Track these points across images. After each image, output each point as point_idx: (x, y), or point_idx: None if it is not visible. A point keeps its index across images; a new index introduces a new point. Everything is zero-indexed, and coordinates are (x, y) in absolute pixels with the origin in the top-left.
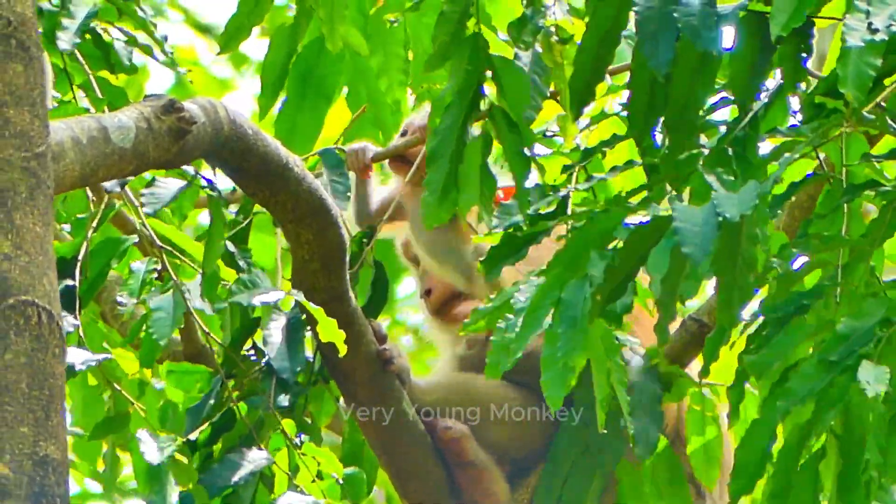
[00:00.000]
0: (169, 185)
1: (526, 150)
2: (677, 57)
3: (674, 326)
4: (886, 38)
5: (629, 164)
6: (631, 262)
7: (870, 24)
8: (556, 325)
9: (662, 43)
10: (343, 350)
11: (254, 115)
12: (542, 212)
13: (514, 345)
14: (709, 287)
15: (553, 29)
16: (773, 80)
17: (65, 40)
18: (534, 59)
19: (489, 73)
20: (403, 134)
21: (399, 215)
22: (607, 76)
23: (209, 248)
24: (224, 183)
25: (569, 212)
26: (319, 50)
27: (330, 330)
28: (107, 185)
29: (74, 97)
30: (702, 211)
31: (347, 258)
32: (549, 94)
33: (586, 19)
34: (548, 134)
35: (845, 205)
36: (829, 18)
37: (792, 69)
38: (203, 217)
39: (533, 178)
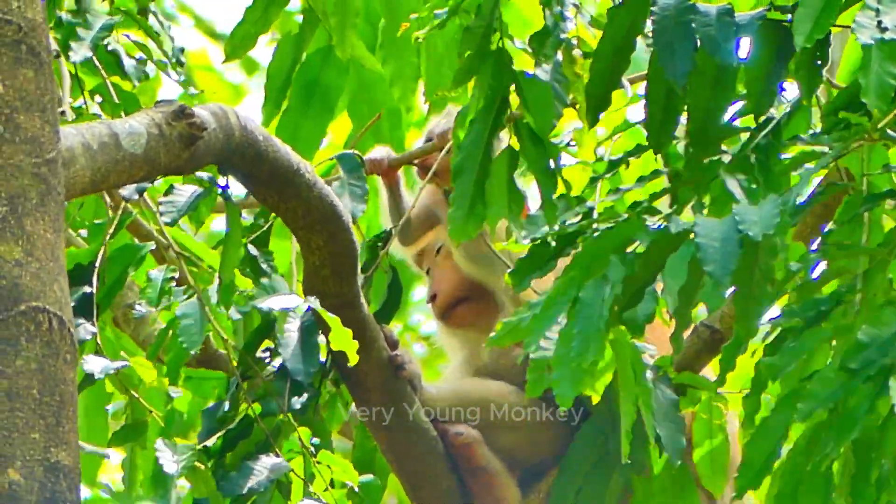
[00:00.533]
0: (186, 192)
1: (552, 164)
2: (696, 67)
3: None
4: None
5: (655, 173)
6: (650, 270)
7: (879, 22)
8: (572, 325)
9: (679, 53)
10: (354, 359)
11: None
12: (568, 223)
13: (527, 341)
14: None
15: (574, 41)
16: (794, 87)
17: (77, 52)
18: (554, 67)
19: (513, 88)
20: (428, 140)
21: (431, 223)
22: (628, 85)
23: (226, 255)
24: (238, 189)
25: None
26: (324, 59)
27: (343, 339)
28: (124, 192)
29: (85, 102)
30: (723, 225)
31: (359, 264)
32: (568, 102)
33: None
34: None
35: (865, 214)
36: (845, 27)
37: (808, 78)
38: (216, 223)
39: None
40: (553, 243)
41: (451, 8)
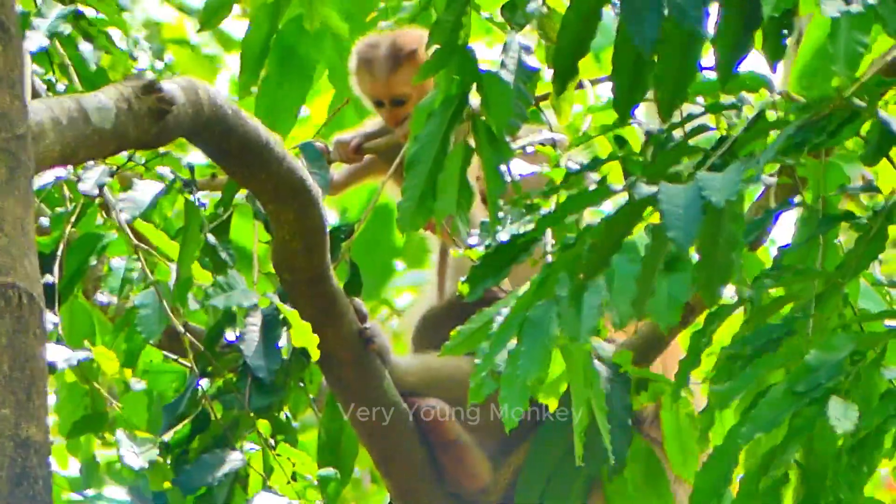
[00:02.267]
0: (147, 189)
1: (503, 167)
2: (664, 36)
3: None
4: (862, 11)
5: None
6: (614, 237)
7: None
8: (520, 343)
9: (648, 20)
10: (315, 355)
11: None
12: (521, 230)
13: (480, 367)
14: None
15: (545, 7)
16: (753, 106)
17: (32, 40)
18: (519, 67)
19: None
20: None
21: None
22: (590, 87)
23: (184, 252)
24: (201, 173)
25: (547, 237)
26: (300, 28)
27: (303, 334)
28: (83, 187)
29: (54, 74)
30: (686, 191)
31: (328, 238)
32: (533, 102)
33: None
34: (528, 150)
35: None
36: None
37: (774, 48)
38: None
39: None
40: (499, 250)
41: (420, 2)
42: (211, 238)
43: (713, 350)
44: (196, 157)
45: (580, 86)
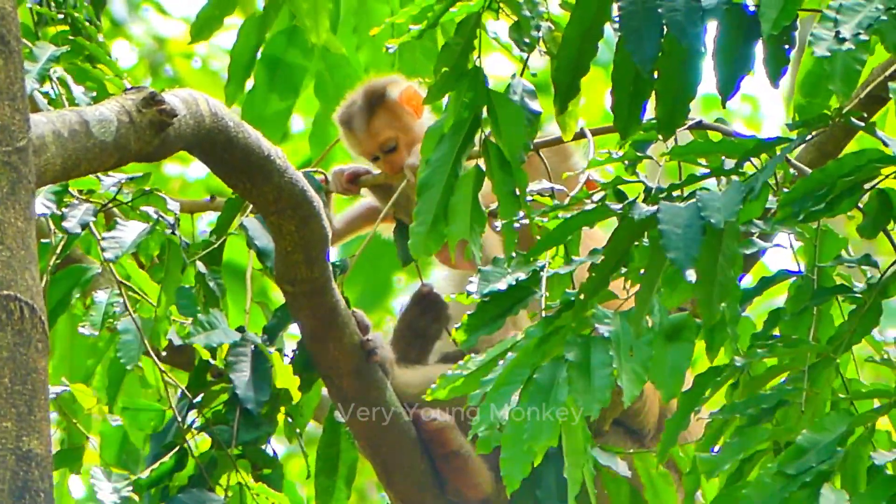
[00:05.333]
0: (131, 228)
1: (517, 191)
2: (663, 53)
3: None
4: (854, 48)
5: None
6: (615, 257)
7: (837, 32)
8: (524, 405)
9: (647, 39)
10: (297, 396)
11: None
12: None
13: (479, 421)
14: None
15: (551, 25)
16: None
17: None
18: (523, 90)
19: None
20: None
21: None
22: (590, 136)
23: (163, 292)
24: (198, 192)
25: (542, 284)
26: (288, 39)
27: (285, 375)
28: (68, 225)
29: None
30: (686, 211)
31: (329, 249)
32: (532, 147)
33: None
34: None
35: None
36: (813, 11)
37: (775, 64)
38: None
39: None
40: (494, 299)
41: (429, 22)
42: (201, 266)
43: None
44: (196, 169)
45: (582, 135)
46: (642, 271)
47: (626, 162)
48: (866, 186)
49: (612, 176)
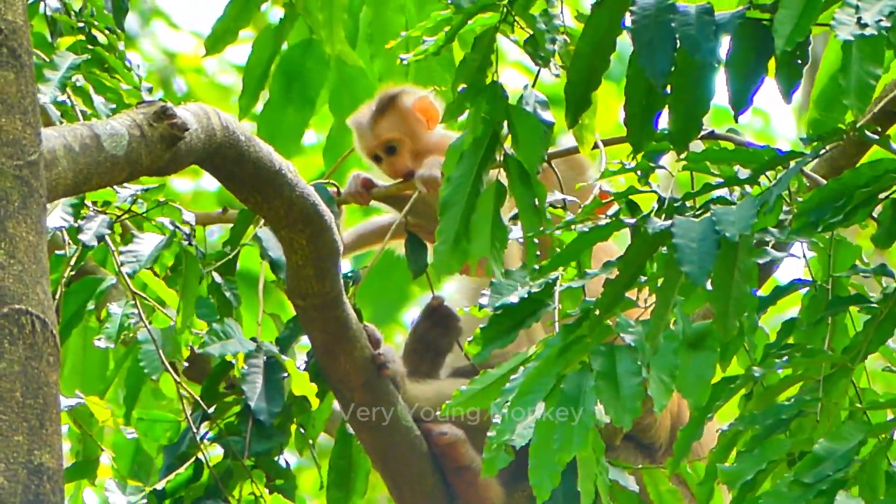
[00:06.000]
0: (148, 241)
1: (536, 202)
2: (676, 67)
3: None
4: (875, 34)
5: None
6: (630, 272)
7: (859, 18)
8: (552, 414)
9: (660, 53)
10: (315, 403)
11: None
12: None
13: (496, 436)
14: None
15: (567, 39)
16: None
17: (46, 93)
18: (537, 101)
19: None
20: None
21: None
22: (602, 147)
23: (183, 304)
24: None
25: (556, 296)
26: (304, 52)
27: (301, 383)
28: (84, 237)
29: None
30: (700, 225)
31: (341, 263)
32: (545, 158)
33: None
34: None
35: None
36: (826, 25)
37: (788, 79)
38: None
39: None
40: (507, 311)
41: (446, 36)
42: (217, 276)
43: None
44: (208, 181)
45: (595, 146)
46: (659, 282)
47: (639, 172)
48: (881, 196)
49: (624, 187)
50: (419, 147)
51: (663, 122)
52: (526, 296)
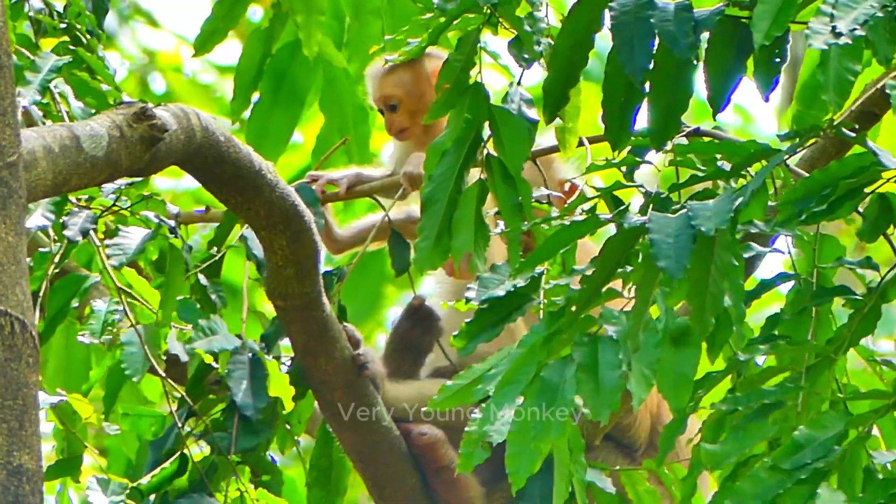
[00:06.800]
0: (134, 234)
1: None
2: (655, 64)
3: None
4: (851, 43)
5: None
6: (606, 269)
7: (834, 27)
8: (530, 403)
9: (638, 49)
10: (290, 406)
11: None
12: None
13: (481, 421)
14: None
15: (551, 41)
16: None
17: (25, 96)
18: (522, 100)
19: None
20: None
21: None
22: (588, 145)
23: (165, 298)
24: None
25: (541, 292)
26: (293, 54)
27: (280, 384)
28: (68, 233)
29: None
30: (676, 220)
31: (321, 264)
32: (529, 156)
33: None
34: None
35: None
36: (805, 24)
37: (766, 76)
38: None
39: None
40: (493, 306)
41: (430, 38)
42: (202, 279)
43: None
44: (188, 182)
45: (580, 143)
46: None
47: (624, 168)
48: (867, 190)
49: (594, 184)
50: (421, 108)
51: (643, 120)
52: (512, 289)
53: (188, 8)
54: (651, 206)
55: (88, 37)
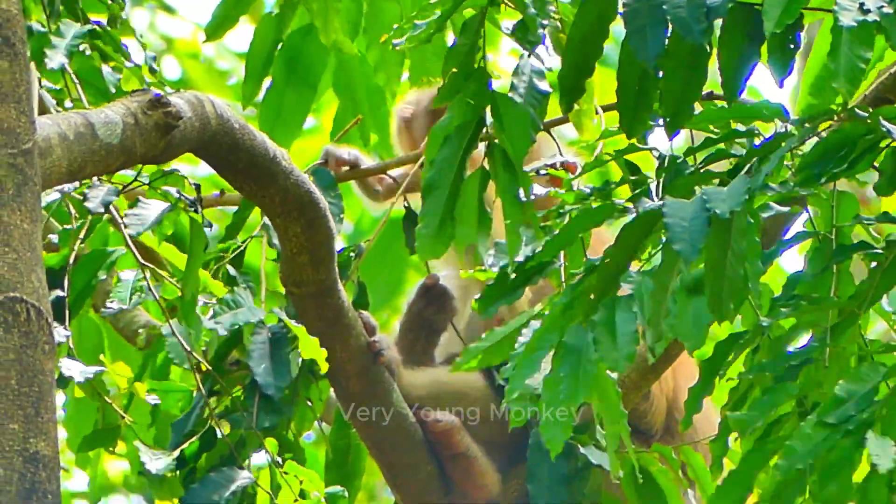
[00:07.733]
0: (153, 206)
1: (521, 192)
2: (669, 50)
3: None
4: (878, 19)
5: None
6: (623, 256)
7: (861, 4)
8: (557, 369)
9: (651, 36)
10: (324, 367)
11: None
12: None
13: (510, 389)
14: None
15: (559, 24)
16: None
17: (53, 59)
18: (530, 91)
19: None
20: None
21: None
22: (601, 113)
23: (189, 272)
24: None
25: (560, 258)
26: (305, 38)
27: (311, 347)
28: (90, 205)
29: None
30: (691, 205)
31: (336, 250)
32: (541, 126)
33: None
34: (541, 173)
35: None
36: (818, 10)
37: (780, 63)
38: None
39: None
40: (513, 275)
41: (435, 22)
42: (231, 270)
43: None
44: (204, 169)
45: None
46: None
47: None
48: (881, 146)
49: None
50: None
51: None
52: (531, 254)
53: None
54: (666, 170)
55: (111, 3)
